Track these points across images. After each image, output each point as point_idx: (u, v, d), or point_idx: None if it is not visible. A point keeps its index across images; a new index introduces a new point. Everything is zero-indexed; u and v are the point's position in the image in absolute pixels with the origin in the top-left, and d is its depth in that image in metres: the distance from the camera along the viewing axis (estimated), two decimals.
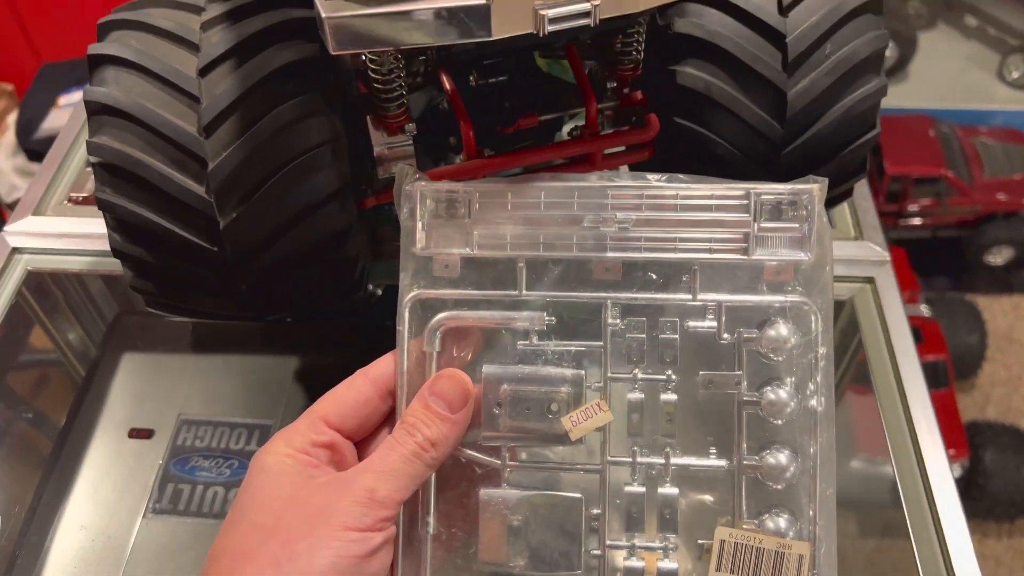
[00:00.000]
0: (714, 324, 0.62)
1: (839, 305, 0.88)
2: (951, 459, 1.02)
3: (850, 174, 0.79)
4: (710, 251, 0.62)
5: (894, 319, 0.83)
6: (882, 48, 0.74)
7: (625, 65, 0.77)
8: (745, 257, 0.62)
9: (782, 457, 0.60)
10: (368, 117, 0.75)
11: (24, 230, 0.92)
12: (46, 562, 0.80)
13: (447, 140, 0.81)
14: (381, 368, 0.62)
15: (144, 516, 0.83)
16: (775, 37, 0.72)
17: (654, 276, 0.63)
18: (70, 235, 0.92)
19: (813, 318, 0.61)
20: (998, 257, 2.59)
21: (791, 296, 0.61)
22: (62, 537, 0.82)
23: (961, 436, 2.07)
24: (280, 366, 0.94)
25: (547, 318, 0.62)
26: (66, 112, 2.52)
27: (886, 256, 0.88)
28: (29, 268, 0.90)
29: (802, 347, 0.61)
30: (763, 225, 0.62)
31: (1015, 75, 2.76)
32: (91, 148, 0.66)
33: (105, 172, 0.67)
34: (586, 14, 0.57)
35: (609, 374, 0.62)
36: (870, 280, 0.88)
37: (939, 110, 2.69)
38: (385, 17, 0.55)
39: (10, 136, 2.62)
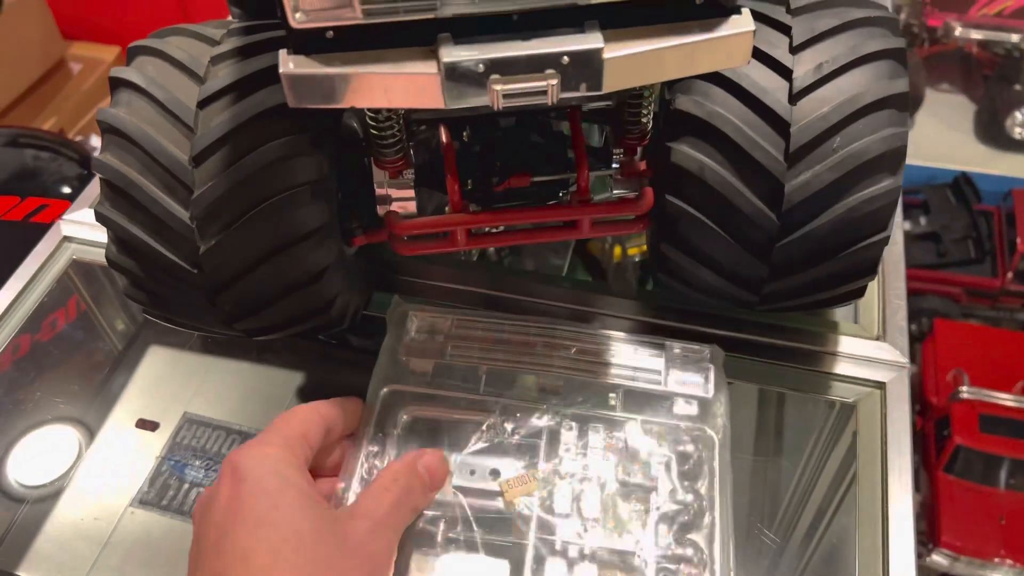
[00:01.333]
0: (632, 434, 0.76)
1: (845, 408, 0.82)
2: None
3: (856, 275, 0.73)
4: (633, 379, 0.79)
5: (896, 435, 0.77)
6: (900, 147, 0.68)
7: (632, 134, 0.76)
8: (660, 387, 0.79)
9: (687, 549, 0.69)
10: (369, 159, 0.76)
11: (79, 220, 1.00)
12: (35, 534, 0.86)
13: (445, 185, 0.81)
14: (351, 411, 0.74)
15: (130, 505, 0.88)
16: (780, 125, 0.68)
17: (588, 393, 0.79)
18: None
19: (711, 439, 0.75)
20: None
21: (695, 420, 0.76)
22: (54, 514, 0.87)
23: None
24: (285, 379, 0.97)
25: (498, 415, 0.76)
26: None
27: (905, 362, 0.82)
28: (75, 257, 0.98)
29: (701, 461, 0.73)
30: (673, 369, 0.80)
31: None
32: (95, 164, 0.71)
33: (107, 188, 0.72)
34: (542, 92, 0.56)
35: (544, 464, 0.73)
36: (880, 386, 0.81)
37: None
38: (340, 78, 0.57)
39: None
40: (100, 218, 0.72)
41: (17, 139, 1.93)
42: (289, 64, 0.57)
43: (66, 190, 1.76)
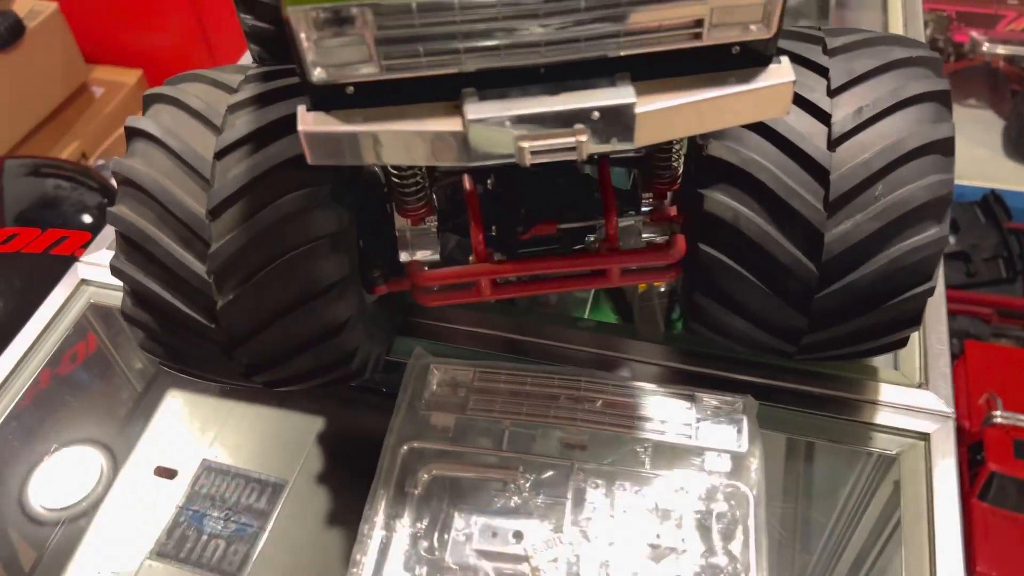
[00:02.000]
0: (661, 492, 0.72)
1: (885, 460, 0.79)
2: None
3: (900, 326, 0.70)
4: (662, 433, 0.75)
5: (943, 490, 0.73)
6: (946, 194, 0.65)
7: (662, 179, 0.73)
8: (690, 441, 0.75)
9: None
10: (391, 205, 0.74)
11: (96, 262, 0.98)
12: None
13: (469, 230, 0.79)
14: None
15: (148, 557, 0.86)
16: (818, 172, 0.65)
17: (615, 448, 0.75)
18: None
19: (746, 496, 0.71)
20: None
21: (728, 476, 0.73)
22: (72, 565, 0.86)
23: None
24: (305, 424, 0.95)
25: (522, 473, 0.73)
26: None
27: (950, 412, 0.78)
28: (92, 301, 0.96)
29: (735, 520, 0.70)
30: (704, 421, 0.76)
31: None
32: (110, 217, 0.69)
33: (122, 241, 0.70)
34: (571, 148, 0.54)
35: (571, 525, 0.70)
36: (924, 437, 0.78)
37: None
38: (361, 136, 0.54)
39: None
40: (115, 272, 0.70)
41: (39, 169, 1.93)
42: (308, 121, 0.54)
43: (87, 219, 1.75)
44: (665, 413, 0.77)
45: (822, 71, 0.67)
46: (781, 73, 0.55)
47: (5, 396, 0.88)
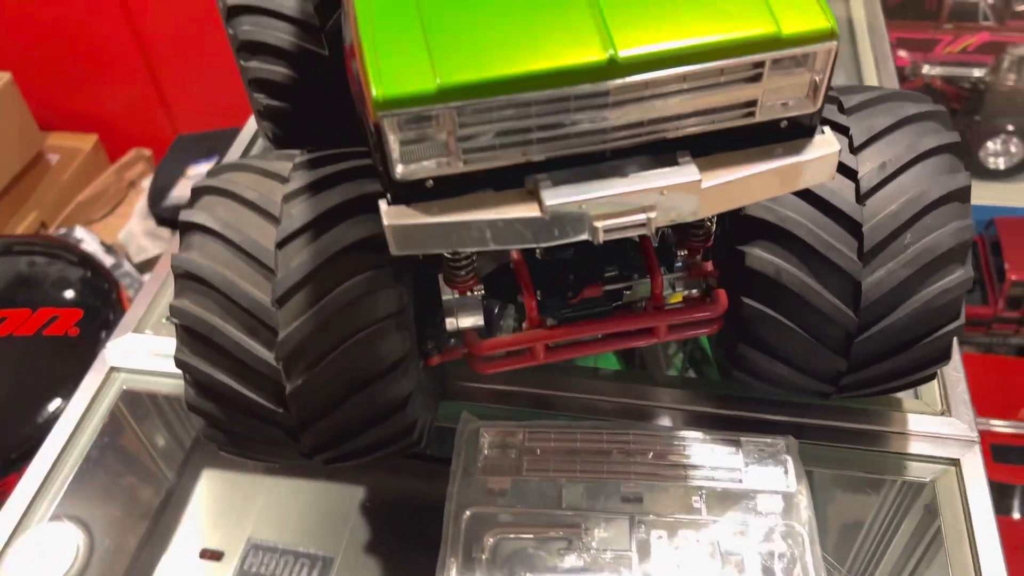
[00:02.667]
0: (721, 537, 0.76)
1: (918, 487, 0.83)
2: None
3: (931, 362, 0.75)
4: (713, 479, 0.79)
5: (980, 512, 0.78)
6: (968, 239, 0.70)
7: (697, 237, 0.77)
8: (741, 485, 0.79)
9: None
10: (439, 276, 0.76)
11: (124, 348, 0.98)
12: None
13: (514, 296, 0.82)
14: None
15: None
16: (851, 225, 0.70)
17: (671, 498, 0.79)
18: (165, 355, 0.98)
19: (800, 534, 0.75)
20: None
21: (781, 516, 0.77)
22: None
23: None
24: (346, 495, 0.96)
25: (585, 530, 0.74)
26: (193, 182, 2.68)
27: (975, 437, 0.83)
28: (125, 387, 0.96)
29: (794, 559, 0.74)
30: (751, 464, 0.81)
31: None
32: (173, 311, 0.70)
33: (185, 334, 0.71)
34: (642, 225, 0.57)
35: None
36: (955, 462, 0.82)
37: None
38: (445, 226, 0.57)
39: (144, 200, 2.81)
40: (180, 364, 0.71)
41: (11, 248, 1.90)
42: (392, 215, 0.57)
43: (69, 295, 1.73)
44: (714, 459, 0.80)
45: (843, 130, 0.72)
46: (827, 144, 0.60)
47: (47, 495, 0.88)
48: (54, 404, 1.45)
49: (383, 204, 0.58)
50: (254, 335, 0.69)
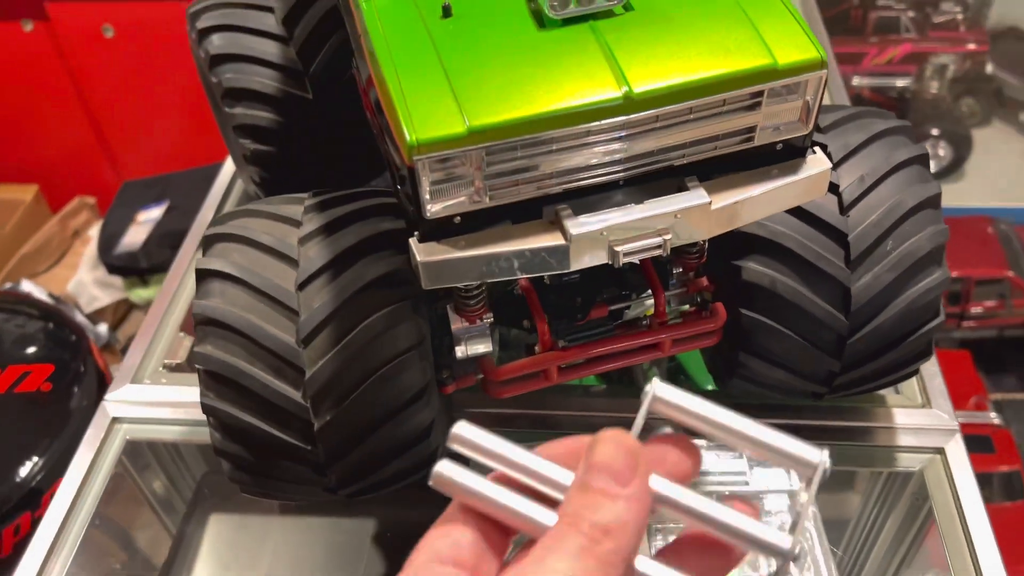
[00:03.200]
0: None
1: (906, 476, 0.89)
2: None
3: (916, 358, 0.80)
4: (722, 484, 0.85)
5: (967, 494, 0.83)
6: (943, 242, 0.76)
7: (691, 255, 0.81)
8: (749, 487, 0.84)
9: None
10: (448, 306, 0.79)
11: (123, 399, 0.98)
12: None
13: (522, 322, 0.85)
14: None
15: None
16: (837, 235, 0.75)
17: None
18: (166, 403, 0.98)
19: (807, 529, 0.80)
20: None
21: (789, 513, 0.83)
22: None
23: None
24: (359, 529, 0.97)
25: None
26: (144, 228, 2.65)
27: (955, 425, 0.89)
28: (128, 437, 0.96)
29: (804, 553, 0.78)
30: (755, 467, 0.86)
31: None
32: (198, 358, 0.72)
33: (210, 379, 0.72)
34: (659, 246, 0.61)
35: None
36: (939, 451, 0.88)
37: (997, 209, 2.67)
38: (474, 259, 0.60)
39: (92, 249, 2.76)
40: (207, 409, 0.72)
41: None
42: (424, 252, 0.60)
43: (36, 350, 1.70)
44: (720, 465, 0.84)
45: (822, 147, 0.77)
46: (819, 162, 0.65)
47: (60, 554, 0.87)
48: (31, 461, 1.43)
49: (413, 242, 0.61)
50: (280, 375, 0.71)
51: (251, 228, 0.76)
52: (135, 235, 2.67)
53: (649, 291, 0.79)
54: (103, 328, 2.55)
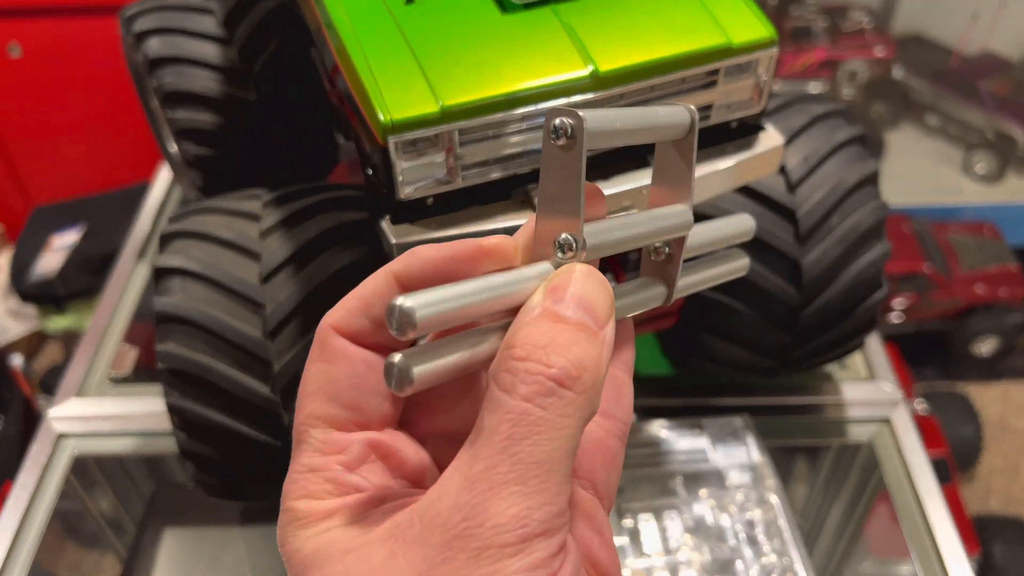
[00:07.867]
0: (704, 513, 0.83)
1: (855, 446, 0.92)
2: None
3: (862, 329, 0.84)
4: (686, 462, 0.86)
5: (915, 460, 0.87)
6: (884, 216, 0.80)
7: None
8: (711, 464, 0.85)
9: None
10: None
11: (68, 414, 0.95)
12: None
13: None
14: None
15: None
16: (787, 213, 0.78)
17: (652, 484, 0.85)
18: (112, 416, 0.95)
19: (771, 501, 0.83)
20: (984, 347, 2.66)
21: (752, 487, 0.84)
22: None
23: (970, 532, 2.09)
24: None
25: None
26: (59, 254, 2.55)
27: (899, 396, 0.93)
28: (76, 454, 0.93)
29: (769, 523, 0.81)
30: (717, 444, 0.88)
31: (980, 170, 2.89)
32: (161, 356, 0.70)
33: (174, 377, 0.70)
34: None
35: (635, 561, 0.71)
36: (886, 421, 0.92)
37: (910, 207, 2.81)
38: (446, 239, 0.60)
39: (3, 278, 2.65)
40: (172, 408, 0.70)
41: None
42: (397, 234, 0.60)
43: None
44: (682, 444, 0.86)
45: None
46: (772, 139, 0.68)
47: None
48: None
49: (386, 224, 0.61)
50: (247, 370, 0.70)
51: (209, 224, 0.75)
52: (50, 261, 2.57)
53: (611, 273, 0.80)
54: (18, 360, 2.45)
